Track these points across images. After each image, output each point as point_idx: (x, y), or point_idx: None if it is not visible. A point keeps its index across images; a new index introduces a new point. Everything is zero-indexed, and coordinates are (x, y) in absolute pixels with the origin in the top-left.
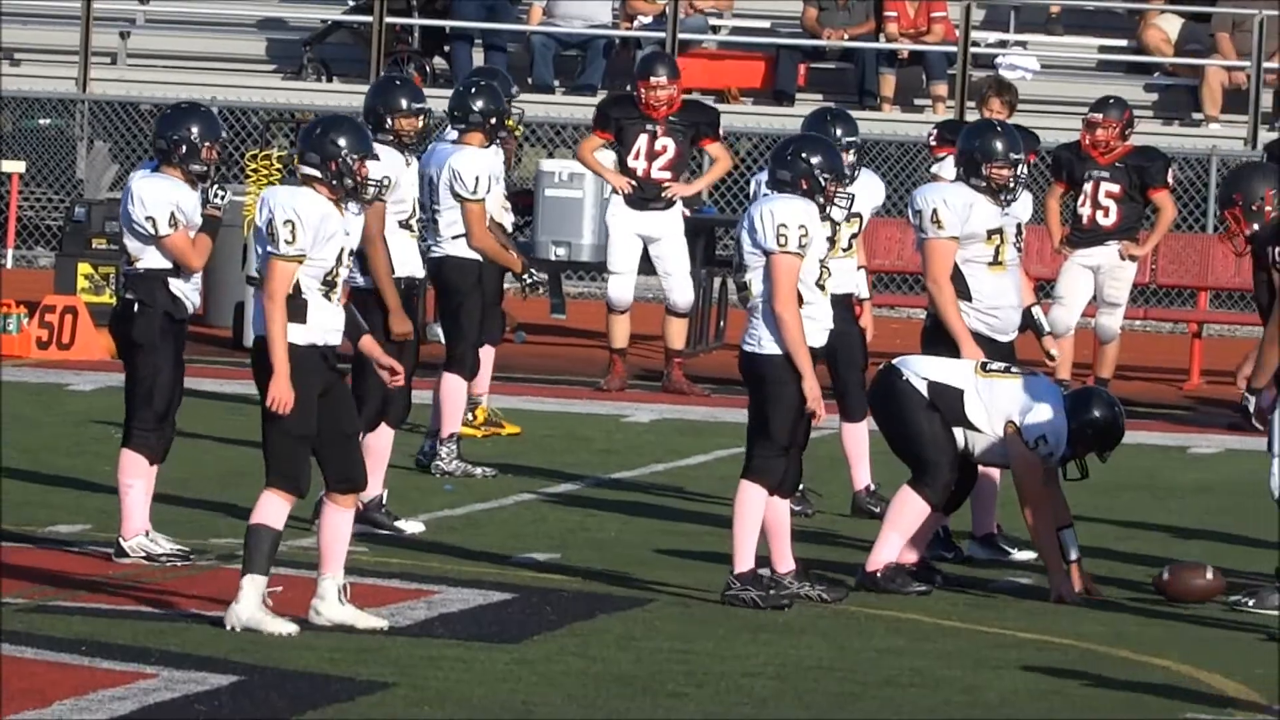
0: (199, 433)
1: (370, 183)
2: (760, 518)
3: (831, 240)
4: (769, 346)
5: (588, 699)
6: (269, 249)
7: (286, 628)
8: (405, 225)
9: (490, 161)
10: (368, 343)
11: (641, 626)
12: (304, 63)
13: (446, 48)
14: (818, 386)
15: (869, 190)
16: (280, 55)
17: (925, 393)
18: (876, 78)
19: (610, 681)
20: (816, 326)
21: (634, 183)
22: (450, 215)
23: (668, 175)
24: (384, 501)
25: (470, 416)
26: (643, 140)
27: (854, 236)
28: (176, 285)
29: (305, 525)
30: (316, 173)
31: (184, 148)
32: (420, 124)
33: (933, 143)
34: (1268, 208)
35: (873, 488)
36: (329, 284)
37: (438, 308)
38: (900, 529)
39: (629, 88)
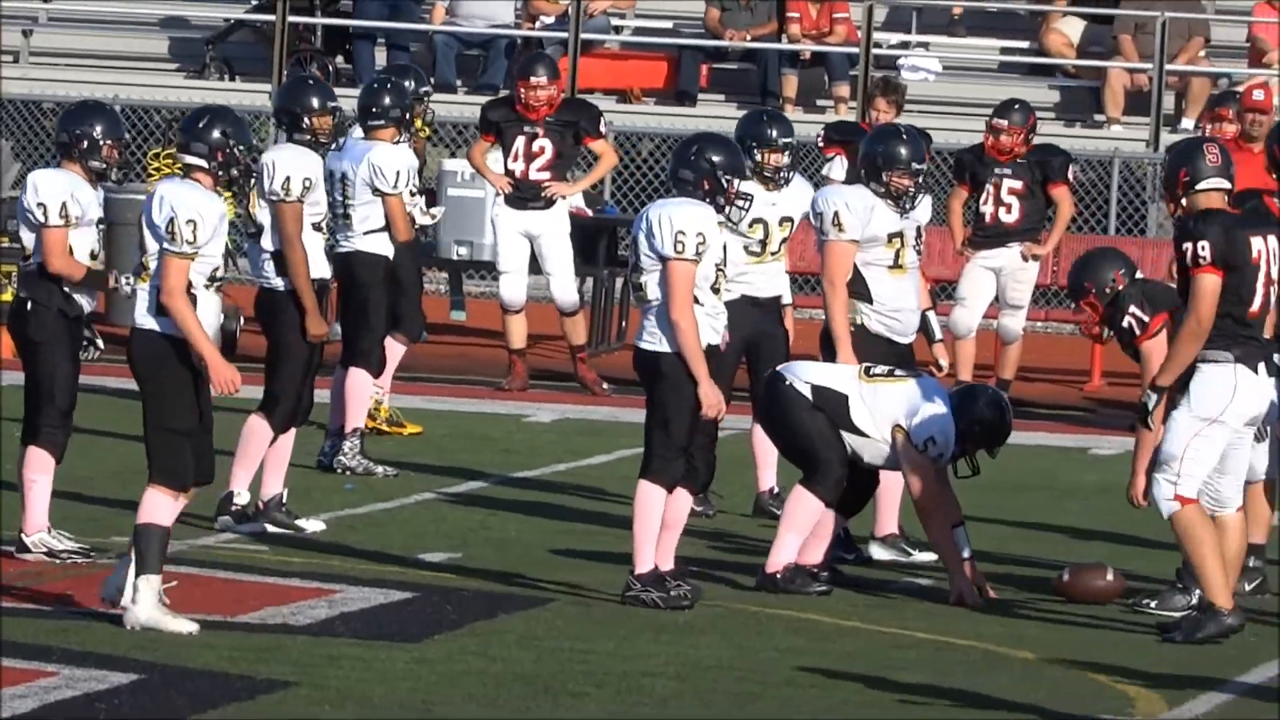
0: (98, 429)
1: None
2: (660, 517)
3: (763, 244)
4: (665, 344)
5: (488, 698)
6: (167, 246)
7: (186, 626)
8: (317, 227)
9: (407, 157)
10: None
11: (542, 626)
12: (207, 61)
13: (349, 47)
14: (714, 391)
15: (801, 195)
16: (183, 54)
17: (810, 397)
18: (779, 78)
19: (511, 681)
20: (709, 325)
21: (513, 183)
22: (365, 211)
23: (546, 175)
24: (284, 500)
25: (373, 414)
26: (520, 142)
27: (784, 241)
28: (70, 283)
29: (208, 523)
30: (201, 162)
31: (85, 143)
32: (333, 122)
33: (821, 144)
34: (1119, 288)
35: (776, 490)
36: (214, 279)
37: (341, 303)
38: (796, 529)
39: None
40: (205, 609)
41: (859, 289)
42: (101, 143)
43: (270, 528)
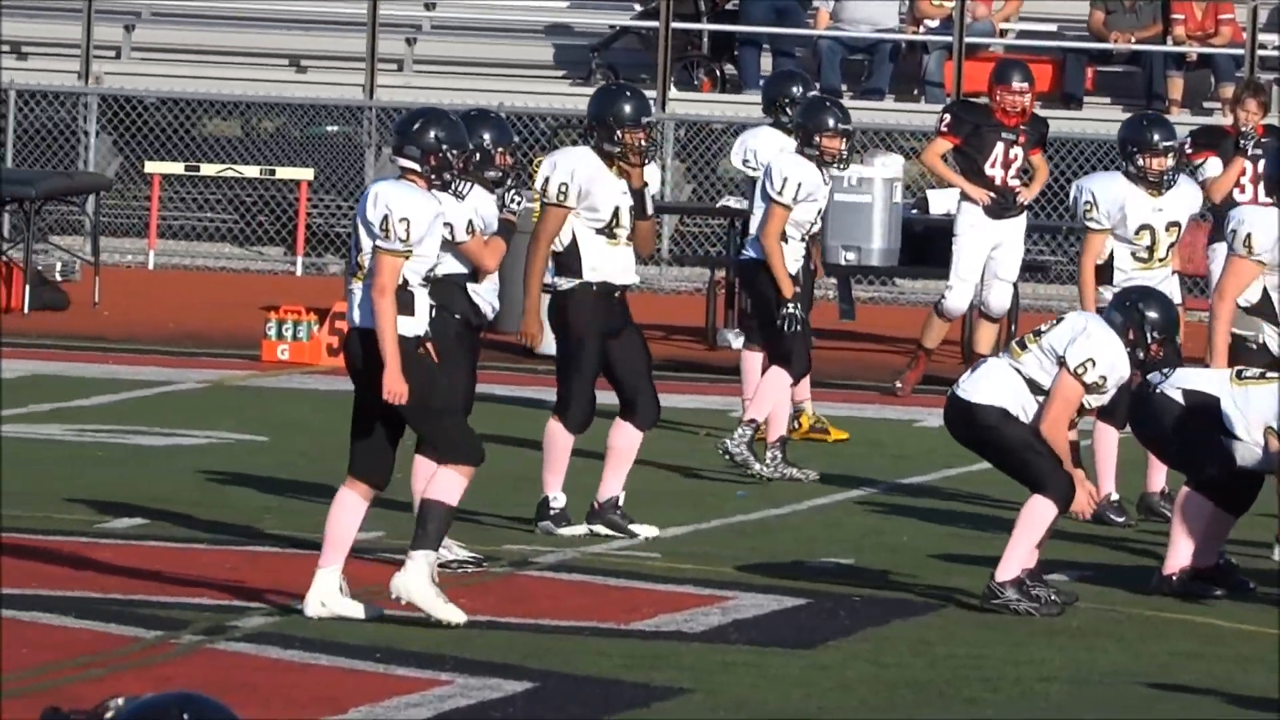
0: (492, 436)
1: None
2: (1050, 528)
3: (1150, 250)
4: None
5: (881, 705)
6: (380, 243)
7: (455, 615)
8: (602, 232)
9: (805, 171)
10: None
11: (934, 632)
12: (592, 68)
13: (735, 52)
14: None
15: (1186, 197)
16: (568, 61)
17: (1182, 402)
18: (1164, 80)
19: (904, 687)
20: None
21: (991, 195)
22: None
23: (1017, 183)
24: (619, 503)
25: (795, 424)
26: (1000, 148)
27: (1171, 246)
28: (474, 289)
29: (529, 528)
30: (414, 165)
31: (478, 155)
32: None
33: (1189, 149)
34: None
35: (1166, 490)
36: (429, 278)
37: (752, 311)
38: (1190, 531)
39: (916, 93)
40: (598, 616)
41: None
42: (494, 151)
43: (602, 529)
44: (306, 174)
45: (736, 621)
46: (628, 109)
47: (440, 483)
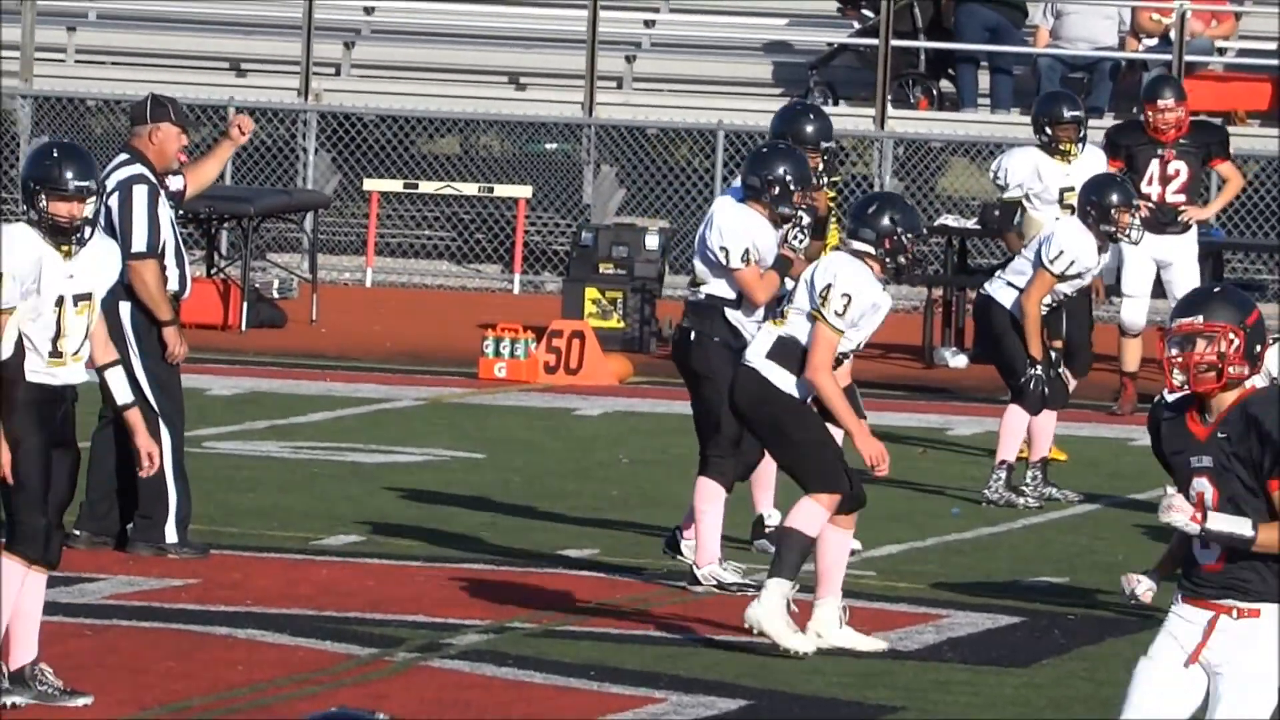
0: None
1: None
2: None
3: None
4: None
5: None
6: (820, 309)
7: (804, 645)
8: None
9: (1086, 247)
10: None
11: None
12: (810, 86)
13: (951, 70)
14: None
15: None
16: (786, 79)
17: None
18: None
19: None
20: None
21: (1150, 206)
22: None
23: (1182, 199)
24: (765, 520)
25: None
26: (1155, 165)
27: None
28: (735, 316)
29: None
30: (869, 248)
31: (776, 189)
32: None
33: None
34: None
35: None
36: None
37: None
38: None
39: (1135, 111)
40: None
41: None
42: (793, 190)
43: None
44: (525, 191)
45: (951, 640)
46: (809, 129)
47: (802, 512)
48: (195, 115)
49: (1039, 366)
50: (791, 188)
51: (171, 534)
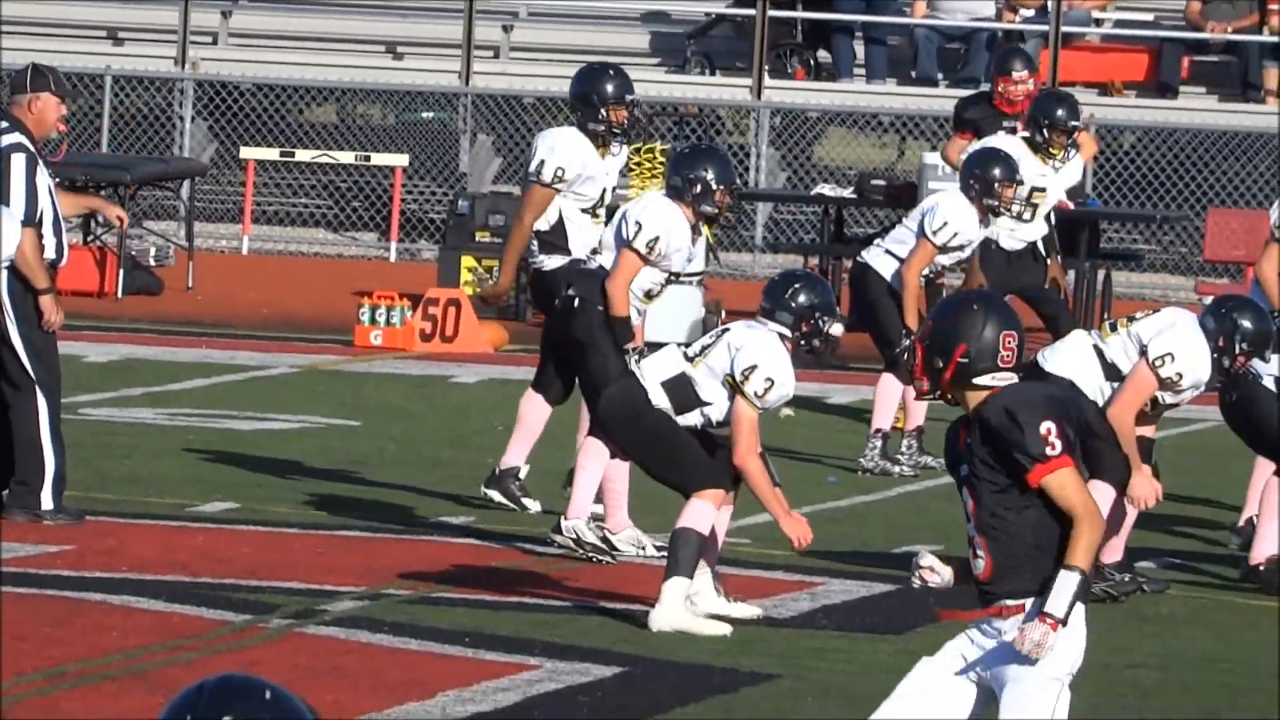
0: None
1: None
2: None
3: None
4: None
5: None
6: (745, 395)
7: (718, 629)
8: (587, 211)
9: (968, 220)
10: None
11: None
12: (688, 56)
13: (828, 40)
14: None
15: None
16: (664, 49)
17: (1275, 389)
18: (1260, 71)
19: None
20: None
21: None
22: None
23: None
24: (520, 475)
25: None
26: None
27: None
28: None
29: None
30: (785, 331)
31: (698, 187)
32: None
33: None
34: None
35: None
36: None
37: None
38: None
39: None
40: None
41: None
42: (715, 189)
43: (496, 496)
44: (401, 160)
45: (826, 607)
46: (610, 87)
47: (692, 511)
48: (72, 84)
49: (913, 336)
50: (713, 186)
51: (47, 500)
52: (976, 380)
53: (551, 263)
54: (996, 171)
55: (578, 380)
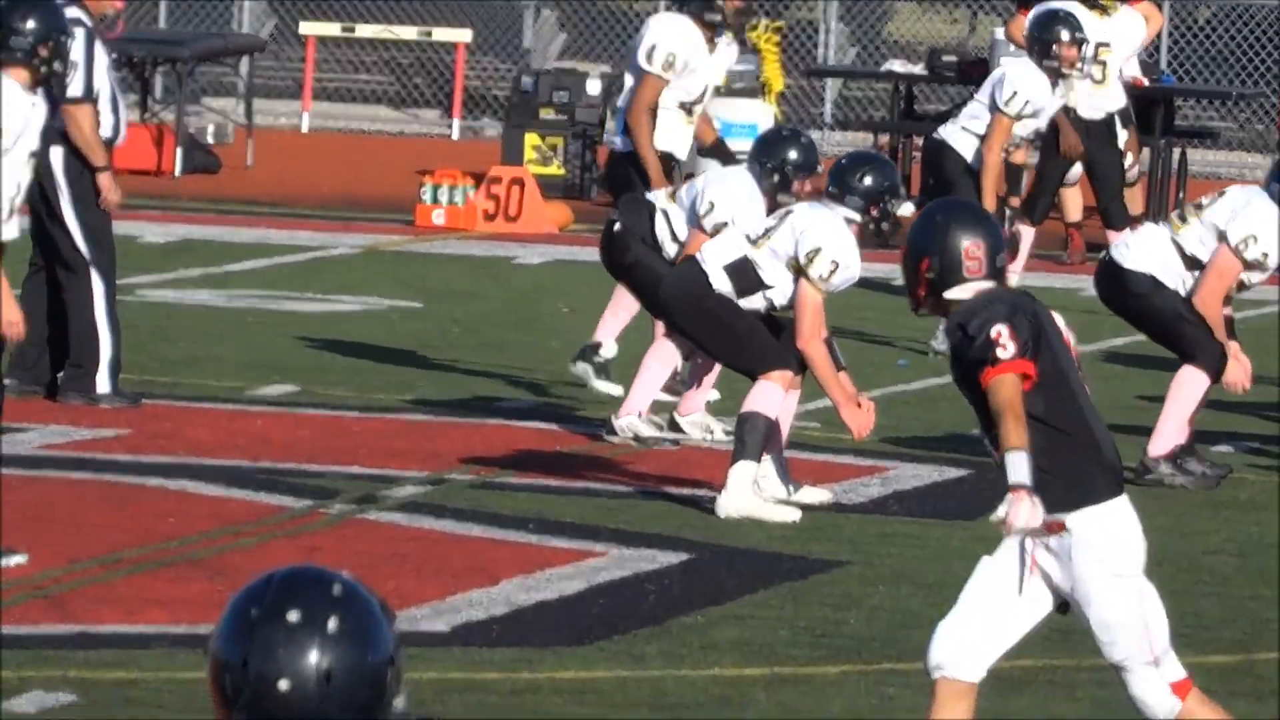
0: None
1: None
2: (1203, 399)
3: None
4: None
5: None
6: (810, 277)
7: (788, 515)
8: (683, 106)
9: (1039, 85)
10: None
11: None
12: None
13: None
14: None
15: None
16: None
17: None
18: None
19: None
20: None
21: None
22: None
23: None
24: (602, 354)
25: None
26: None
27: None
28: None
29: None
30: (855, 216)
31: (777, 176)
32: None
33: None
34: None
35: None
36: None
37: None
38: None
39: None
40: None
41: None
42: (793, 176)
43: (576, 370)
44: (464, 35)
45: (896, 493)
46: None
47: (758, 394)
48: None
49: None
50: (790, 175)
51: (104, 383)
52: (947, 295)
53: (626, 146)
54: (1058, 32)
55: (639, 304)
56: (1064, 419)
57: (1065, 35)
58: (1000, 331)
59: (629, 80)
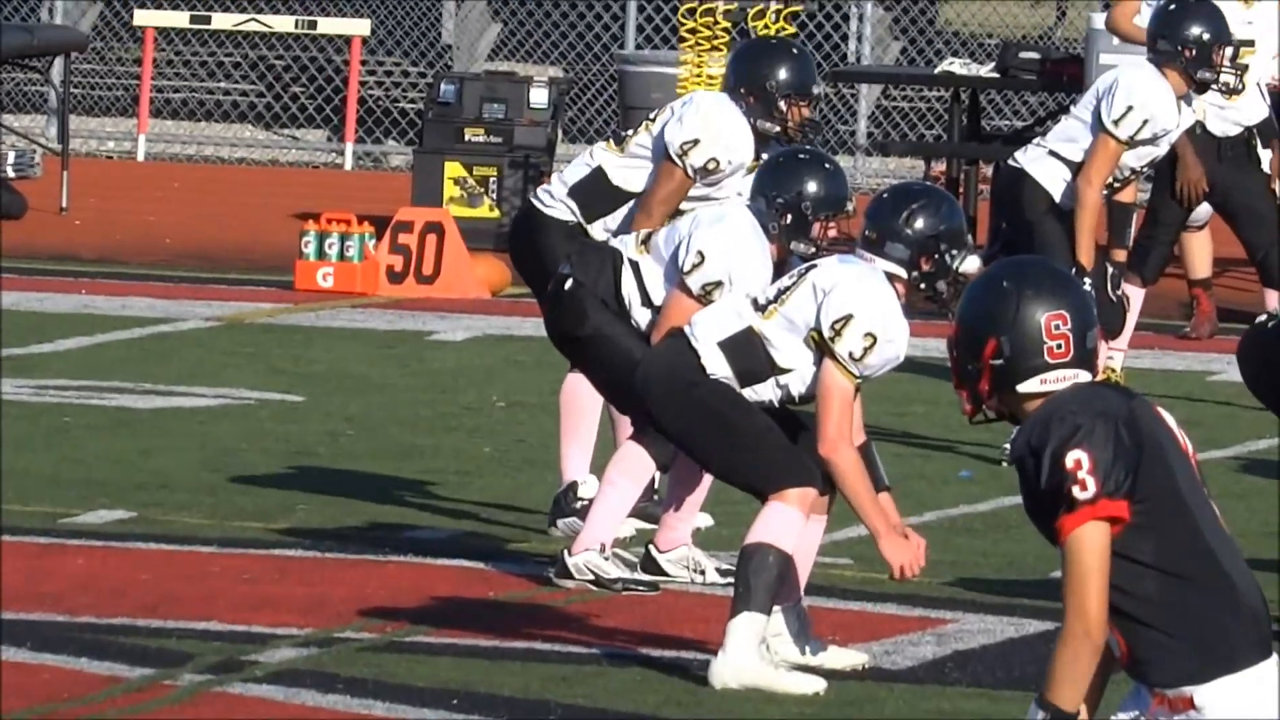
0: None
1: None
2: None
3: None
4: None
5: None
6: (837, 357)
7: (809, 685)
8: None
9: (1164, 104)
10: None
11: None
12: None
13: None
14: None
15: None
16: None
17: None
18: None
19: None
20: None
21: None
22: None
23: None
24: (581, 494)
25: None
26: None
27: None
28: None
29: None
30: (899, 270)
31: (789, 216)
32: None
33: None
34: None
35: None
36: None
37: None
38: None
39: None
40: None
41: None
42: (812, 217)
43: (559, 530)
44: (361, 27)
45: (958, 654)
46: (794, 73)
47: (769, 521)
48: None
49: (1087, 279)
50: (809, 214)
51: None
52: (1020, 387)
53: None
54: (1208, 28)
55: (594, 387)
56: (1185, 561)
57: (1214, 33)
58: (1080, 460)
59: (647, 159)
